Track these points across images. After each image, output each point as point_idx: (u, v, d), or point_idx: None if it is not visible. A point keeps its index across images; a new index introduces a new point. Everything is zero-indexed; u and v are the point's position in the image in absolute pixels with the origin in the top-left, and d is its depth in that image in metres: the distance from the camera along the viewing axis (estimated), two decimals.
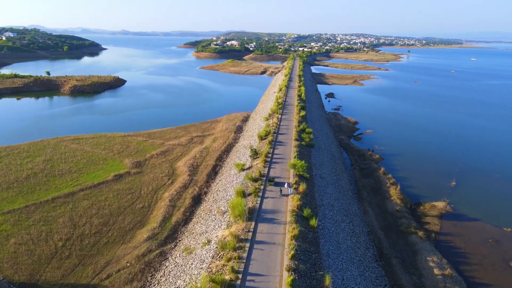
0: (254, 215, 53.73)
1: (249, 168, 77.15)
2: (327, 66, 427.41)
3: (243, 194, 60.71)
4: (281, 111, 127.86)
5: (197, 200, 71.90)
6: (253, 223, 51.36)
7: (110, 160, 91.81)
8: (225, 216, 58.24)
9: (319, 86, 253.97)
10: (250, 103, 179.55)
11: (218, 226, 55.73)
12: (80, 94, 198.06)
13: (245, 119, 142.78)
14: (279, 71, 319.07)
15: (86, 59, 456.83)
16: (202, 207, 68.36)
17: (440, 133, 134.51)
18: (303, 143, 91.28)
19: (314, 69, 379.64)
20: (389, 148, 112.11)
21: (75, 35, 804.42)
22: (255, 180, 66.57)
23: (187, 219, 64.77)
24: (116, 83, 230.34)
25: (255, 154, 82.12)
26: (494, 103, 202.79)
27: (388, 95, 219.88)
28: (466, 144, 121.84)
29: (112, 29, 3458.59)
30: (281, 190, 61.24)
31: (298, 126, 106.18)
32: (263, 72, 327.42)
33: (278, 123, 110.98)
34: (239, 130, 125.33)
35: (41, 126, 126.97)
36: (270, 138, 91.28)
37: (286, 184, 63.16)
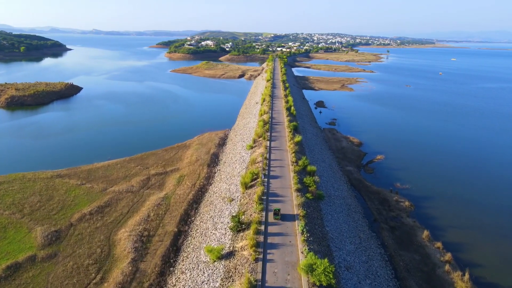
0: None
1: (229, 255, 46.70)
2: (309, 67, 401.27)
3: None
4: (268, 134, 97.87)
5: None
6: None
7: (11, 229, 59.04)
8: None
9: (305, 92, 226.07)
10: (228, 117, 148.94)
11: None
12: (19, 107, 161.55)
13: (222, 142, 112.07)
14: (259, 74, 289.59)
15: (46, 61, 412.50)
16: None
17: (472, 161, 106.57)
18: (308, 195, 61.63)
19: (295, 71, 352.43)
20: (415, 186, 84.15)
21: (36, 35, 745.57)
22: None
23: None
24: (68, 92, 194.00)
25: (238, 224, 51.72)
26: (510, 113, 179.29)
27: (384, 104, 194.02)
28: None
29: (83, 28, 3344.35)
30: None
31: (296, 161, 76.55)
32: (241, 76, 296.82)
33: (268, 155, 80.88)
34: (214, 161, 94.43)
35: None
36: (259, 189, 60.95)
37: None
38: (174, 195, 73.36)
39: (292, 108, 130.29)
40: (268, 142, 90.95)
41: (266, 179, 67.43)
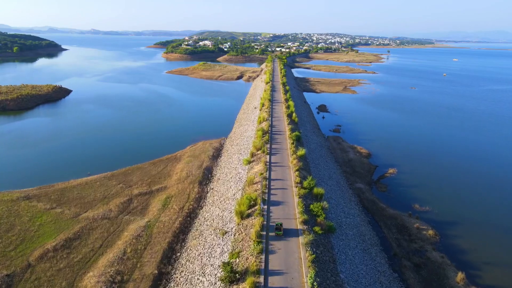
0: None
1: None
2: (309, 68, 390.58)
3: None
4: (268, 146, 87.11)
5: None
6: None
7: None
8: None
9: (306, 94, 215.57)
10: (224, 123, 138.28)
11: None
12: (1, 112, 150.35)
13: (217, 153, 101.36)
14: (257, 76, 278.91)
15: (39, 62, 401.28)
16: None
17: (500, 175, 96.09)
18: (316, 228, 50.94)
19: (295, 72, 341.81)
20: (437, 208, 73.51)
21: (31, 35, 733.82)
22: None
23: None
24: (55, 95, 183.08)
25: (231, 274, 40.88)
26: None
27: (391, 108, 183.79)
28: None
29: (81, 28, 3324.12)
30: None
31: (300, 181, 65.79)
32: (239, 77, 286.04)
33: (267, 174, 70.12)
34: (206, 177, 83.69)
35: None
36: (257, 222, 50.26)
37: None
38: (158, 222, 62.54)
39: (294, 114, 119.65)
40: (268, 156, 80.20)
41: (265, 206, 56.67)
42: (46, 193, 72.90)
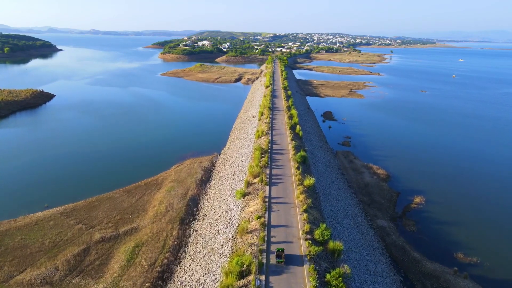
0: None
1: None
2: (311, 69, 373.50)
3: None
4: (267, 173, 70.33)
5: None
6: None
7: None
8: None
9: (309, 99, 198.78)
10: (219, 134, 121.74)
11: None
12: None
13: (207, 176, 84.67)
14: (257, 78, 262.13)
15: (30, 64, 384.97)
16: None
17: None
18: None
19: (297, 74, 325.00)
20: (490, 259, 56.69)
21: (25, 35, 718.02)
22: None
23: None
24: (34, 101, 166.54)
25: None
26: None
27: (403, 115, 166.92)
28: None
29: (81, 28, 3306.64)
30: None
31: (310, 229, 49.08)
32: (237, 80, 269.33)
33: (266, 217, 53.34)
34: (190, 212, 66.93)
35: None
36: None
37: None
38: None
39: (298, 127, 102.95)
40: (268, 188, 63.41)
41: (263, 278, 39.87)
42: None
